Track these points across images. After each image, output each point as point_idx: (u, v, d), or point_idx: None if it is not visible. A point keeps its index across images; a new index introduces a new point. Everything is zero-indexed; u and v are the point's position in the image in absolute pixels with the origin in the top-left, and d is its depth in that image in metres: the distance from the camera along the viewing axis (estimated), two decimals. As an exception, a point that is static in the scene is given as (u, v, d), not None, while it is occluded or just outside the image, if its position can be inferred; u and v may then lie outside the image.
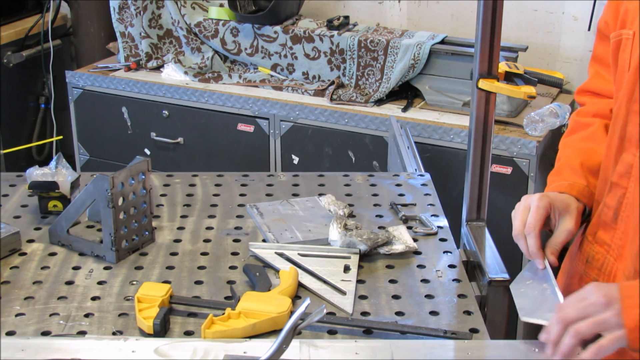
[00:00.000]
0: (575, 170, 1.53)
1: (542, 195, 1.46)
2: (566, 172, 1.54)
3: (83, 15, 3.72)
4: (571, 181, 1.51)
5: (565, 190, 1.50)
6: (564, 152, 1.60)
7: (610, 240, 1.42)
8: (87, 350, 1.33)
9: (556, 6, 3.16)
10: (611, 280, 1.42)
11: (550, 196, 1.47)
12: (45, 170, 1.87)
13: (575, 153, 1.56)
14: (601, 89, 1.61)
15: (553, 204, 1.45)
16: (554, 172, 1.58)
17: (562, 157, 1.59)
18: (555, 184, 1.53)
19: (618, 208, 1.40)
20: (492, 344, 1.41)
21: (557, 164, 1.60)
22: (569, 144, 1.61)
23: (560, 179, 1.53)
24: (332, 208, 1.87)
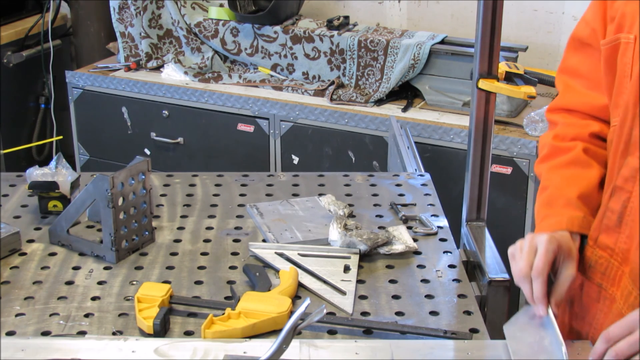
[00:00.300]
0: (571, 202, 1.47)
1: (551, 237, 1.39)
2: (559, 204, 1.47)
3: (83, 15, 3.72)
4: (568, 216, 1.45)
5: (565, 228, 1.44)
6: (550, 180, 1.53)
7: (613, 245, 1.41)
8: (87, 350, 1.33)
9: (556, 6, 3.16)
10: (616, 284, 1.41)
11: (558, 239, 1.40)
12: (45, 170, 1.87)
13: (564, 181, 1.50)
14: (574, 104, 1.55)
15: (560, 248, 1.40)
16: (544, 203, 1.51)
17: (551, 186, 1.51)
18: (551, 219, 1.46)
19: (623, 212, 1.39)
20: (492, 344, 1.41)
21: (544, 193, 1.52)
22: (553, 170, 1.54)
23: (555, 213, 1.47)
24: (332, 208, 1.87)
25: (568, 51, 1.57)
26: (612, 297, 1.41)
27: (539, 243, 1.38)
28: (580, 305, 1.50)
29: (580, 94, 1.54)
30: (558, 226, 1.44)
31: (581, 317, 1.50)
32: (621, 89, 1.39)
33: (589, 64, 1.52)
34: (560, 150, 1.54)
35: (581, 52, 1.53)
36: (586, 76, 1.53)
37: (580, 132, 1.53)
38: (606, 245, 1.42)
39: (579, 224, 1.45)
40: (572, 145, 1.53)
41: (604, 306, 1.44)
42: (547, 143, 1.58)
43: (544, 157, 1.58)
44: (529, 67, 2.63)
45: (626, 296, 1.37)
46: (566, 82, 1.58)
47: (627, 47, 1.38)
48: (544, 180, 1.55)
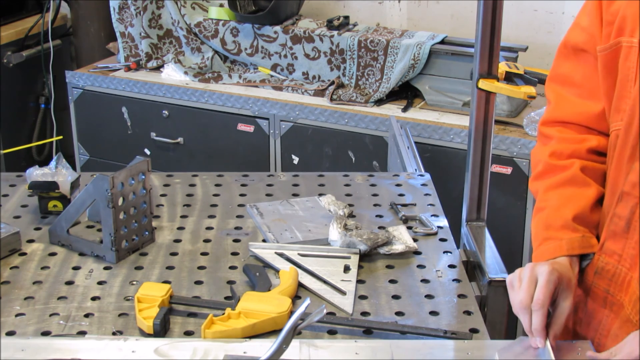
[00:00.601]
0: (567, 225, 1.44)
1: (552, 269, 1.36)
2: (557, 226, 1.45)
3: (83, 15, 3.72)
4: (567, 239, 1.43)
5: (566, 253, 1.42)
6: (547, 201, 1.49)
7: (621, 250, 1.40)
8: (87, 350, 1.33)
9: (556, 6, 3.16)
10: (624, 290, 1.40)
11: (559, 270, 1.38)
12: (45, 170, 1.87)
13: (561, 202, 1.47)
14: (569, 116, 1.52)
15: (560, 280, 1.37)
16: (542, 225, 1.48)
17: (547, 207, 1.48)
18: (550, 244, 1.44)
19: (631, 218, 1.38)
20: (492, 344, 1.41)
21: (541, 214, 1.49)
22: (550, 190, 1.50)
23: (553, 236, 1.44)
24: (332, 208, 1.87)
25: (559, 59, 1.54)
26: (620, 303, 1.41)
27: (540, 274, 1.36)
28: (585, 311, 1.49)
29: (574, 104, 1.51)
30: (559, 252, 1.42)
31: (586, 323, 1.49)
32: (624, 93, 1.38)
33: (584, 71, 1.49)
34: (557, 168, 1.51)
35: (574, 59, 1.50)
36: (580, 84, 1.50)
37: (578, 148, 1.50)
38: (613, 251, 1.41)
39: (579, 245, 1.43)
40: (568, 164, 1.49)
41: (611, 312, 1.43)
42: (543, 160, 1.54)
43: (539, 175, 1.54)
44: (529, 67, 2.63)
45: (635, 302, 1.37)
46: (558, 91, 1.54)
47: (629, 51, 1.36)
48: (540, 200, 1.51)
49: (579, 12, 1.50)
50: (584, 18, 1.47)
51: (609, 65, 1.40)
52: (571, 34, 1.51)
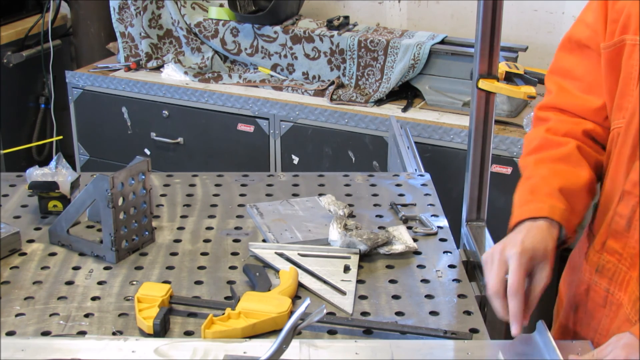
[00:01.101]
0: (553, 193, 1.42)
1: (523, 250, 1.33)
2: (542, 193, 1.43)
3: (83, 15, 3.72)
4: (550, 204, 1.40)
5: (547, 214, 1.39)
6: (537, 171, 1.48)
7: (622, 249, 1.40)
8: (87, 350, 1.33)
9: (556, 6, 3.16)
10: (624, 289, 1.40)
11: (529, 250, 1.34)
12: (45, 170, 1.87)
13: (551, 174, 1.45)
14: (567, 105, 1.52)
15: (533, 258, 1.35)
16: (527, 190, 1.45)
17: (536, 176, 1.46)
18: (532, 205, 1.42)
19: (632, 216, 1.38)
20: (492, 344, 1.41)
21: (528, 182, 1.47)
22: (542, 162, 1.49)
23: (537, 200, 1.42)
24: (332, 208, 1.87)
25: (562, 52, 1.55)
26: (619, 302, 1.41)
27: (510, 257, 1.34)
28: (585, 310, 1.49)
29: (574, 96, 1.52)
30: (540, 212, 1.40)
31: (586, 323, 1.49)
32: (626, 91, 1.38)
33: (586, 66, 1.50)
34: (552, 143, 1.50)
35: (578, 53, 1.51)
36: (582, 78, 1.51)
37: (574, 128, 1.50)
38: (614, 249, 1.41)
39: (560, 214, 1.40)
40: (564, 141, 1.49)
41: (610, 311, 1.43)
42: (539, 136, 1.53)
43: (533, 150, 1.52)
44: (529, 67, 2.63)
45: (634, 301, 1.37)
46: (559, 83, 1.55)
47: (633, 49, 1.36)
48: (530, 171, 1.49)
49: (584, 8, 1.51)
50: (589, 14, 1.47)
51: (612, 62, 1.41)
52: (575, 29, 1.52)
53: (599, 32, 1.44)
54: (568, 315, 1.55)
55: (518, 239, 1.37)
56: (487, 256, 1.39)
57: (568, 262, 1.63)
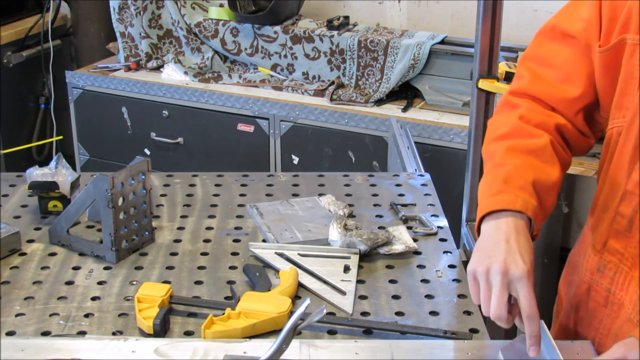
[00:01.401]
0: (527, 187, 1.37)
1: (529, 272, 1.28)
2: (516, 185, 1.38)
3: (83, 15, 3.72)
4: (524, 198, 1.36)
5: (520, 209, 1.35)
6: (510, 159, 1.42)
7: (623, 249, 1.40)
8: (87, 350, 1.33)
9: (556, 6, 3.13)
10: (625, 289, 1.40)
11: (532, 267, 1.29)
12: (45, 170, 1.87)
13: (525, 167, 1.41)
14: (541, 94, 1.49)
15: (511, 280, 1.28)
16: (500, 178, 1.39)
17: (509, 165, 1.41)
18: (505, 196, 1.36)
19: (634, 216, 1.37)
20: (492, 344, 1.41)
21: (501, 169, 1.41)
22: (514, 151, 1.43)
23: (510, 191, 1.37)
24: (332, 208, 1.87)
25: (542, 39, 1.51)
26: (621, 302, 1.41)
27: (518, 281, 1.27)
28: (586, 310, 1.49)
29: (550, 85, 1.48)
30: (512, 205, 1.35)
31: (587, 323, 1.49)
32: (627, 91, 1.38)
33: (567, 55, 1.47)
34: (525, 132, 1.45)
35: (560, 42, 1.48)
36: (560, 67, 1.48)
37: (547, 120, 1.46)
38: (615, 249, 1.41)
39: (532, 210, 1.36)
40: (537, 133, 1.45)
41: (612, 311, 1.43)
42: (510, 122, 1.47)
43: (503, 135, 1.46)
44: (529, 67, 2.62)
45: (635, 301, 1.37)
46: (534, 70, 1.51)
47: (634, 49, 1.36)
48: (500, 157, 1.43)
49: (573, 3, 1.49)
50: (584, 10, 1.46)
51: (610, 64, 1.40)
52: (563, 19, 1.49)
53: (593, 27, 1.43)
54: (569, 315, 1.55)
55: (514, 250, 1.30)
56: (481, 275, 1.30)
57: (567, 261, 1.63)
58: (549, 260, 2.94)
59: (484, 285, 1.29)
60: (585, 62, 1.46)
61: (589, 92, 1.46)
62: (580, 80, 1.46)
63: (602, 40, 1.41)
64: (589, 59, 1.46)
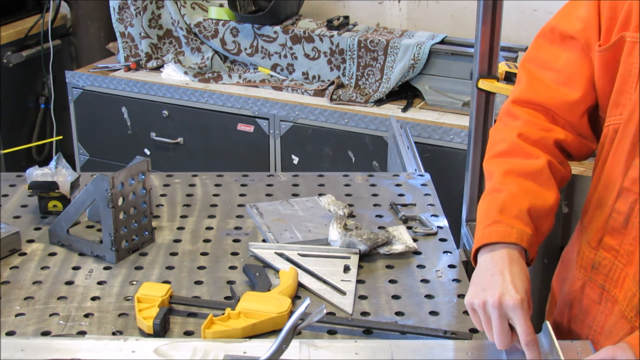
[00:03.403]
0: (522, 215, 1.39)
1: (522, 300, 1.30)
2: (511, 214, 1.40)
3: (83, 15, 3.72)
4: (519, 229, 1.38)
5: (515, 241, 1.37)
6: (506, 185, 1.43)
7: (618, 246, 1.40)
8: (87, 350, 1.33)
9: (556, 6, 3.13)
10: (619, 286, 1.40)
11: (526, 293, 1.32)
12: (45, 170, 1.87)
13: (521, 192, 1.42)
14: (541, 98, 1.49)
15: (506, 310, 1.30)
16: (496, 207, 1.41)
17: (505, 191, 1.42)
18: (501, 227, 1.38)
19: (630, 214, 1.38)
20: (492, 344, 1.40)
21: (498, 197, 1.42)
22: (510, 175, 1.44)
23: (506, 222, 1.39)
24: (332, 208, 1.87)
25: (541, 41, 1.51)
26: (615, 299, 1.41)
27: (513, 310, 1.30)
28: (580, 307, 1.49)
29: (550, 88, 1.48)
30: (507, 238, 1.37)
31: (581, 320, 1.49)
32: (625, 88, 1.38)
33: (567, 57, 1.47)
34: (522, 152, 1.46)
35: (560, 44, 1.48)
36: (560, 70, 1.48)
37: (545, 136, 1.47)
38: (611, 246, 1.41)
39: (527, 240, 1.38)
40: (535, 153, 1.45)
41: (606, 308, 1.43)
42: (509, 140, 1.48)
43: (501, 153, 1.48)
44: (529, 67, 2.62)
45: (630, 298, 1.37)
46: (533, 72, 1.51)
47: (633, 46, 1.36)
48: (498, 182, 1.45)
49: (571, 3, 1.49)
50: (582, 9, 1.46)
51: (610, 63, 1.40)
52: (561, 20, 1.49)
53: (592, 27, 1.43)
54: (562, 312, 1.55)
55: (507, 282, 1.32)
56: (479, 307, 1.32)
57: (561, 259, 1.63)
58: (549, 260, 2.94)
59: (483, 318, 1.32)
60: (586, 63, 1.46)
61: (590, 94, 1.46)
62: (581, 82, 1.46)
63: (602, 39, 1.41)
64: (589, 60, 1.46)
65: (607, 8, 1.41)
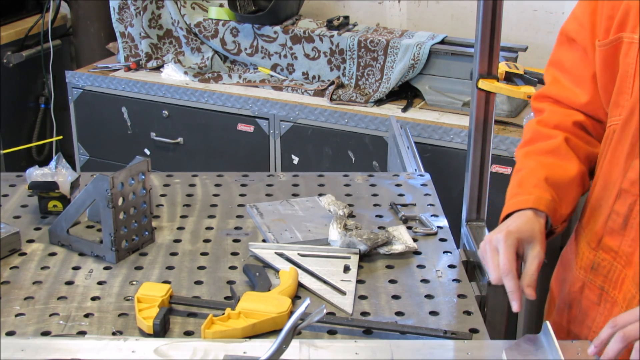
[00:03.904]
0: (540, 184, 1.46)
1: (508, 233, 1.39)
2: (529, 185, 1.47)
3: (83, 15, 3.72)
4: (536, 195, 1.45)
5: (532, 206, 1.44)
6: (525, 163, 1.53)
7: (617, 247, 1.40)
8: (87, 350, 1.33)
9: (556, 6, 3.16)
10: (618, 287, 1.41)
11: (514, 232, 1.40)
12: (45, 170, 1.87)
13: (538, 166, 1.49)
14: (561, 96, 1.55)
15: (520, 239, 1.40)
16: (516, 184, 1.51)
17: (524, 169, 1.51)
18: (519, 197, 1.47)
19: (628, 215, 1.38)
20: (492, 344, 1.41)
21: (517, 175, 1.52)
22: (530, 155, 1.53)
23: (524, 192, 1.47)
24: (332, 208, 1.87)
25: (557, 44, 1.57)
26: (614, 300, 1.41)
27: (498, 242, 1.40)
28: (580, 308, 1.49)
29: (566, 89, 1.54)
30: (525, 204, 1.45)
31: (580, 321, 1.49)
32: (623, 89, 1.38)
33: (572, 59, 1.51)
34: (542, 136, 1.54)
35: (567, 46, 1.53)
36: (570, 71, 1.53)
37: (564, 119, 1.53)
38: (610, 247, 1.42)
39: (545, 204, 1.44)
40: (553, 134, 1.52)
41: (605, 309, 1.43)
42: (531, 128, 1.58)
43: (525, 142, 1.58)
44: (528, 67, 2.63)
45: (629, 299, 1.37)
46: (554, 74, 1.57)
47: (630, 47, 1.36)
48: (519, 163, 1.55)
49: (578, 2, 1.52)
50: (579, 8, 1.49)
51: (609, 60, 1.41)
52: (567, 21, 1.55)
53: (586, 26, 1.46)
54: (562, 312, 1.55)
55: (503, 226, 1.44)
56: (481, 251, 1.46)
57: (560, 259, 1.64)
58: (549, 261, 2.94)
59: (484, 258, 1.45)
60: (588, 64, 1.47)
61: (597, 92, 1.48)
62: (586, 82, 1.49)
63: (602, 36, 1.42)
64: (591, 60, 1.46)
65: (606, 6, 1.41)
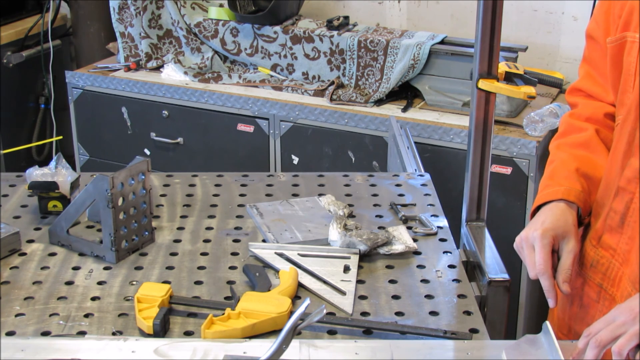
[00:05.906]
0: (570, 175, 1.49)
1: (544, 231, 1.41)
2: (560, 176, 1.50)
3: (83, 15, 3.72)
4: (567, 186, 1.48)
5: (562, 197, 1.46)
6: (557, 155, 1.57)
7: (616, 245, 1.41)
8: (87, 351, 1.33)
9: (556, 6, 3.16)
10: (616, 285, 1.41)
11: (550, 229, 1.42)
12: (45, 171, 1.87)
13: (570, 158, 1.53)
14: (592, 91, 1.58)
15: (555, 236, 1.42)
16: (547, 175, 1.55)
17: (556, 160, 1.55)
18: (550, 189, 1.49)
19: (625, 213, 1.38)
20: (492, 344, 1.41)
21: (550, 167, 1.56)
22: (562, 147, 1.57)
23: (555, 183, 1.50)
24: (332, 208, 1.87)
25: (585, 41, 1.61)
26: (612, 297, 1.41)
27: (534, 240, 1.42)
28: (580, 305, 1.50)
29: (597, 83, 1.58)
30: (555, 195, 1.47)
31: (580, 318, 1.50)
32: (626, 88, 1.39)
33: (595, 57, 1.56)
34: (574, 128, 1.58)
35: (589, 44, 1.57)
36: (597, 67, 1.57)
37: (595, 112, 1.56)
38: (609, 245, 1.42)
39: (575, 195, 1.47)
40: (585, 126, 1.55)
41: (603, 307, 1.44)
42: (564, 121, 1.62)
43: (558, 135, 1.62)
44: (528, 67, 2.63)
45: (626, 297, 1.37)
46: (586, 69, 1.61)
47: (632, 46, 1.38)
48: (552, 155, 1.58)
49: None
50: (597, 7, 1.53)
51: (616, 58, 1.43)
52: (590, 20, 1.58)
53: (601, 25, 1.49)
54: (564, 308, 1.56)
55: (538, 222, 1.44)
56: (517, 246, 1.47)
57: None
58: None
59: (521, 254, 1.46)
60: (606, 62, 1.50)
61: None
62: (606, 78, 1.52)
63: (613, 33, 1.45)
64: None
65: (617, 6, 1.44)
